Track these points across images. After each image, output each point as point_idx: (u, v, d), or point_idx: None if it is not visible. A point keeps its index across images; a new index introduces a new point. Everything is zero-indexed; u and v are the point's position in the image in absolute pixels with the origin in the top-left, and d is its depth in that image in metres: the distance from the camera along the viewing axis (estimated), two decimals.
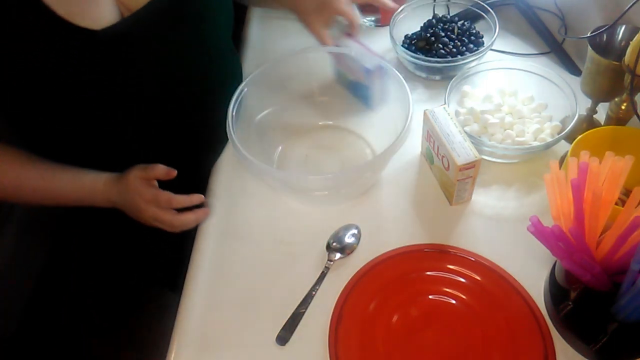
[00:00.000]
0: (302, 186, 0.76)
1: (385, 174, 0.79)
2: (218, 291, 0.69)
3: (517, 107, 0.80)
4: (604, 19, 0.83)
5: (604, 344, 0.57)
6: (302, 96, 0.84)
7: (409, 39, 0.95)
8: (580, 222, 0.54)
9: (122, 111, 0.71)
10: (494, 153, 0.77)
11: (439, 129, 0.71)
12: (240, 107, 0.75)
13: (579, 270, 0.53)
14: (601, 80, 0.71)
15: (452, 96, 0.81)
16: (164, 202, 0.69)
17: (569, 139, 0.74)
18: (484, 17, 0.95)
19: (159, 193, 0.69)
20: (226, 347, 0.64)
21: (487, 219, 0.73)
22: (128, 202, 0.70)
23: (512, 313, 0.63)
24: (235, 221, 0.76)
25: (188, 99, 0.77)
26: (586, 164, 0.54)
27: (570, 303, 0.59)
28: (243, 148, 0.68)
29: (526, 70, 0.82)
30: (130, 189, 0.69)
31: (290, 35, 0.77)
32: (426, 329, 0.63)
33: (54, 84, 0.63)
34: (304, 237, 0.73)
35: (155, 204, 0.69)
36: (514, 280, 0.65)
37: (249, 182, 0.80)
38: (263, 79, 0.78)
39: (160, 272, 0.91)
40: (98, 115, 0.70)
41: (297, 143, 0.85)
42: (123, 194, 0.70)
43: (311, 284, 0.68)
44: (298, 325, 0.64)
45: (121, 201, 0.71)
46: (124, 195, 0.70)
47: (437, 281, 0.67)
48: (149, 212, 0.69)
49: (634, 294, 0.50)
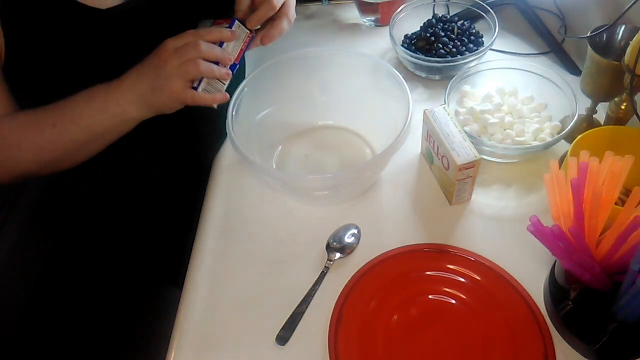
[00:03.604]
0: (302, 186, 0.76)
1: (385, 174, 0.79)
2: (218, 291, 0.69)
3: (517, 107, 0.80)
4: (604, 19, 0.83)
5: (604, 344, 0.57)
6: (302, 96, 0.84)
7: (409, 39, 0.95)
8: (580, 222, 0.54)
9: None
10: (494, 153, 0.77)
11: (439, 129, 0.71)
12: (240, 107, 0.75)
13: (579, 270, 0.53)
14: (601, 80, 0.71)
15: (452, 96, 0.81)
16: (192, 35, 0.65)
17: (569, 139, 0.74)
18: (484, 17, 0.95)
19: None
20: (226, 347, 0.64)
21: (487, 219, 0.73)
22: (147, 64, 0.66)
23: (512, 313, 0.63)
24: (235, 221, 0.76)
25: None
26: (586, 164, 0.54)
27: (570, 303, 0.59)
28: (243, 148, 0.68)
29: (526, 70, 0.82)
30: (156, 49, 0.66)
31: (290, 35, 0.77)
32: (426, 329, 0.63)
33: (62, 60, 0.67)
34: (304, 237, 0.73)
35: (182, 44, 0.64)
36: (514, 280, 0.65)
37: (249, 182, 0.80)
38: (263, 79, 0.78)
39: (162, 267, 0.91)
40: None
41: (297, 143, 0.85)
42: (141, 63, 0.66)
43: (311, 284, 0.68)
44: (298, 325, 0.64)
45: (139, 73, 0.66)
46: (144, 63, 0.66)
47: (437, 281, 0.67)
48: (173, 61, 0.64)
49: (634, 294, 0.50)
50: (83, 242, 0.85)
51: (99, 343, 0.86)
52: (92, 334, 0.85)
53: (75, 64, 0.69)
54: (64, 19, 0.66)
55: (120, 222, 0.85)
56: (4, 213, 0.86)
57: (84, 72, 0.70)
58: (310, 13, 1.10)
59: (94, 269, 0.85)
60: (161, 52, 0.64)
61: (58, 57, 0.68)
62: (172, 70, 0.64)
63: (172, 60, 0.64)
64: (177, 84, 0.64)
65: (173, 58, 0.64)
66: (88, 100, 0.67)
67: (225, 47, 0.68)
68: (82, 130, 0.67)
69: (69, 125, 0.67)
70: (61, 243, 0.85)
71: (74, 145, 0.69)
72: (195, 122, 0.82)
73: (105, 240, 0.85)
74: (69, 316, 0.84)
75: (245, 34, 0.70)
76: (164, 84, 0.64)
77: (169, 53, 0.64)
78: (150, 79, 0.65)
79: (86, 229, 0.85)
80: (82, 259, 0.85)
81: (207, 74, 0.65)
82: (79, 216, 0.85)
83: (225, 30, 0.68)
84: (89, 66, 0.70)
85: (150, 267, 0.89)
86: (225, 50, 0.68)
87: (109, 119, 0.67)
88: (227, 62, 0.68)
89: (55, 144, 0.68)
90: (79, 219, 0.85)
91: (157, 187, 0.86)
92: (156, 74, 0.64)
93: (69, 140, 0.68)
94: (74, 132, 0.67)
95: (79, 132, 0.68)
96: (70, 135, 0.67)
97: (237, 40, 0.70)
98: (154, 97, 0.66)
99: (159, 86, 0.64)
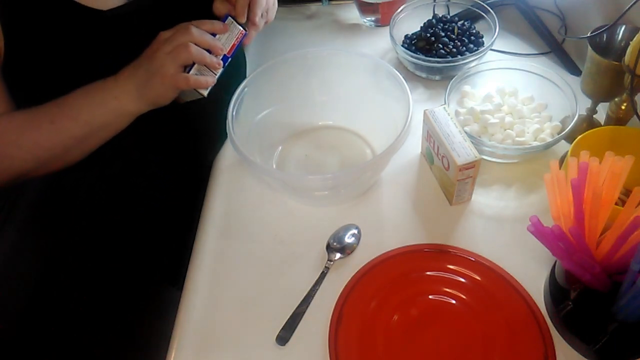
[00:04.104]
0: (302, 186, 0.76)
1: (385, 174, 0.79)
2: (218, 291, 0.69)
3: (517, 107, 0.80)
4: (604, 19, 0.83)
5: (604, 344, 0.57)
6: (302, 96, 0.84)
7: (409, 39, 0.95)
8: (580, 222, 0.54)
9: None
10: (494, 153, 0.77)
11: (439, 129, 0.71)
12: (240, 107, 0.75)
13: (579, 270, 0.53)
14: (601, 80, 0.71)
15: (452, 96, 0.81)
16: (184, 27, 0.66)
17: (569, 139, 0.74)
18: (484, 17, 0.95)
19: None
20: (226, 347, 0.64)
21: (487, 219, 0.73)
22: (141, 58, 0.67)
23: (512, 313, 0.63)
24: (235, 221, 0.76)
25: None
26: (586, 164, 0.54)
27: (570, 303, 0.59)
28: (243, 148, 0.68)
29: (526, 70, 0.82)
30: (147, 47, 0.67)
31: (290, 35, 0.77)
32: (426, 329, 0.63)
33: (63, 61, 0.68)
34: (304, 237, 0.73)
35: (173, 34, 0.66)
36: (514, 280, 0.65)
37: (249, 182, 0.80)
38: (263, 79, 0.78)
39: (162, 267, 0.91)
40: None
41: (297, 143, 0.85)
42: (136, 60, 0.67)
43: (311, 284, 0.68)
44: (298, 325, 0.64)
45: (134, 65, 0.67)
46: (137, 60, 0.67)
47: (437, 281, 0.67)
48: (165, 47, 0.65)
49: (634, 294, 0.50)
50: (83, 242, 0.85)
51: (99, 343, 0.86)
52: (92, 334, 0.85)
53: (76, 64, 0.70)
54: (64, 19, 0.66)
55: (120, 222, 0.86)
56: (4, 213, 0.86)
57: (84, 73, 0.70)
58: (310, 13, 1.10)
59: (94, 269, 0.85)
60: (153, 43, 0.66)
61: (58, 57, 0.68)
62: (163, 56, 0.64)
63: (164, 47, 0.65)
64: (169, 68, 0.65)
65: (164, 45, 0.65)
66: (85, 95, 0.67)
67: (217, 37, 0.70)
68: (80, 125, 0.68)
69: (66, 121, 0.67)
70: (61, 243, 0.85)
71: (72, 141, 0.69)
72: (194, 121, 0.82)
73: (105, 240, 0.85)
74: (69, 316, 0.84)
75: (237, 30, 0.71)
76: (156, 71, 0.65)
77: (160, 42, 0.65)
78: (143, 69, 0.66)
79: (86, 229, 0.85)
80: (82, 259, 0.85)
81: (198, 57, 0.66)
82: (79, 216, 0.85)
83: (217, 22, 0.69)
84: (89, 67, 0.70)
85: (150, 267, 0.90)
86: (216, 39, 0.69)
87: (106, 113, 0.68)
88: (218, 51, 0.69)
89: (53, 140, 0.68)
90: (78, 219, 0.85)
91: (156, 186, 0.86)
92: (148, 63, 0.65)
93: (67, 137, 0.68)
94: (71, 128, 0.68)
95: (77, 127, 0.68)
96: (68, 131, 0.68)
97: (230, 34, 0.71)
98: (148, 87, 0.66)
99: (151, 74, 0.65)
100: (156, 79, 0.65)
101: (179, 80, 0.66)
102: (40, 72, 0.69)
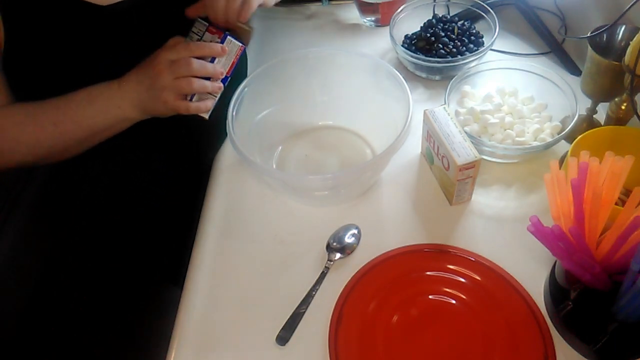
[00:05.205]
0: (302, 186, 0.76)
1: (385, 174, 0.79)
2: (218, 291, 0.69)
3: (517, 107, 0.80)
4: (604, 19, 0.83)
5: (604, 344, 0.57)
6: (302, 96, 0.84)
7: (409, 39, 0.95)
8: (580, 222, 0.54)
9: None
10: (494, 153, 0.77)
11: (439, 129, 0.71)
12: (240, 107, 0.75)
13: (579, 270, 0.53)
14: (601, 80, 0.71)
15: (452, 96, 0.81)
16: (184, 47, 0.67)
17: (569, 139, 0.74)
18: (484, 17, 0.95)
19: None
20: (226, 347, 0.64)
21: (487, 219, 0.73)
22: (143, 72, 0.68)
23: (512, 313, 0.63)
24: (235, 221, 0.76)
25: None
26: (586, 164, 0.54)
27: (570, 303, 0.59)
28: (243, 148, 0.68)
29: (526, 70, 0.82)
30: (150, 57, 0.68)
31: (290, 35, 0.77)
32: (426, 329, 0.63)
33: (62, 56, 0.68)
34: (304, 237, 0.73)
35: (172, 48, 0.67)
36: (514, 280, 0.65)
37: (249, 182, 0.80)
38: (263, 79, 0.78)
39: (162, 267, 0.91)
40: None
41: (297, 143, 0.85)
42: (138, 69, 0.69)
43: (311, 284, 0.68)
44: (298, 325, 0.64)
45: (137, 79, 0.69)
46: (141, 69, 0.69)
47: (437, 281, 0.67)
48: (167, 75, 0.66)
49: (634, 294, 0.50)
50: (83, 242, 0.85)
51: (99, 343, 0.86)
52: (92, 334, 0.85)
53: (75, 59, 0.70)
54: (64, 14, 0.67)
55: (120, 221, 0.86)
56: (4, 213, 0.86)
57: (83, 68, 0.71)
58: (310, 13, 1.10)
59: (94, 269, 0.85)
60: (155, 64, 0.67)
61: (58, 52, 0.69)
62: (165, 83, 0.67)
63: (166, 75, 0.67)
64: (170, 95, 0.68)
65: (166, 72, 0.67)
66: (89, 101, 0.69)
67: (216, 61, 0.71)
68: (83, 129, 0.70)
69: (69, 124, 0.69)
70: (61, 243, 0.85)
71: (73, 142, 0.71)
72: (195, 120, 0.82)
73: (105, 240, 0.85)
74: (69, 316, 0.84)
75: (236, 48, 0.72)
76: (158, 94, 0.68)
77: (162, 66, 0.67)
78: (146, 86, 0.68)
79: (86, 228, 0.85)
80: (82, 259, 0.85)
81: (199, 89, 0.69)
82: (79, 216, 0.85)
83: (216, 46, 0.70)
84: (88, 62, 0.71)
85: (150, 267, 0.90)
86: (216, 65, 0.70)
87: (109, 119, 0.70)
88: (218, 77, 0.71)
89: (54, 140, 0.70)
90: (79, 219, 0.85)
91: (156, 183, 0.86)
92: (151, 83, 0.68)
93: (69, 138, 0.70)
94: (74, 131, 0.70)
95: (79, 131, 0.70)
96: (70, 134, 0.70)
97: (229, 55, 0.72)
98: (150, 104, 0.69)
99: (153, 95, 0.68)
100: (159, 102, 0.68)
101: (180, 107, 0.69)
102: (40, 67, 0.70)
